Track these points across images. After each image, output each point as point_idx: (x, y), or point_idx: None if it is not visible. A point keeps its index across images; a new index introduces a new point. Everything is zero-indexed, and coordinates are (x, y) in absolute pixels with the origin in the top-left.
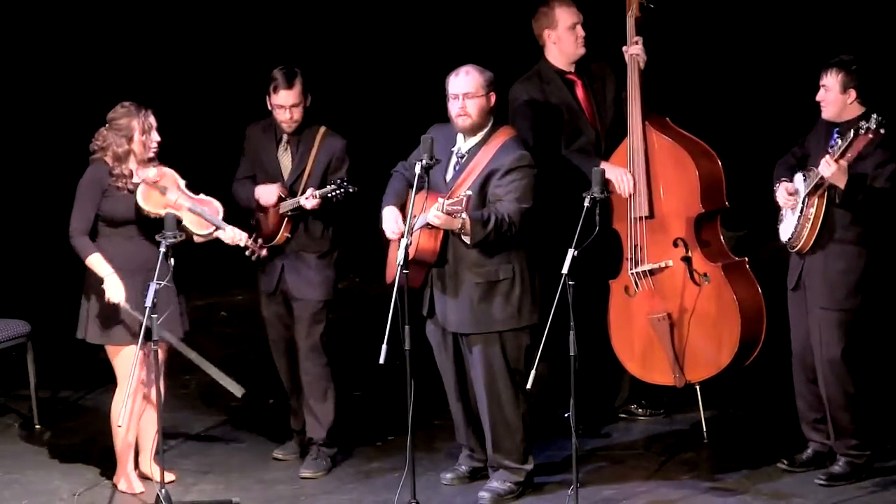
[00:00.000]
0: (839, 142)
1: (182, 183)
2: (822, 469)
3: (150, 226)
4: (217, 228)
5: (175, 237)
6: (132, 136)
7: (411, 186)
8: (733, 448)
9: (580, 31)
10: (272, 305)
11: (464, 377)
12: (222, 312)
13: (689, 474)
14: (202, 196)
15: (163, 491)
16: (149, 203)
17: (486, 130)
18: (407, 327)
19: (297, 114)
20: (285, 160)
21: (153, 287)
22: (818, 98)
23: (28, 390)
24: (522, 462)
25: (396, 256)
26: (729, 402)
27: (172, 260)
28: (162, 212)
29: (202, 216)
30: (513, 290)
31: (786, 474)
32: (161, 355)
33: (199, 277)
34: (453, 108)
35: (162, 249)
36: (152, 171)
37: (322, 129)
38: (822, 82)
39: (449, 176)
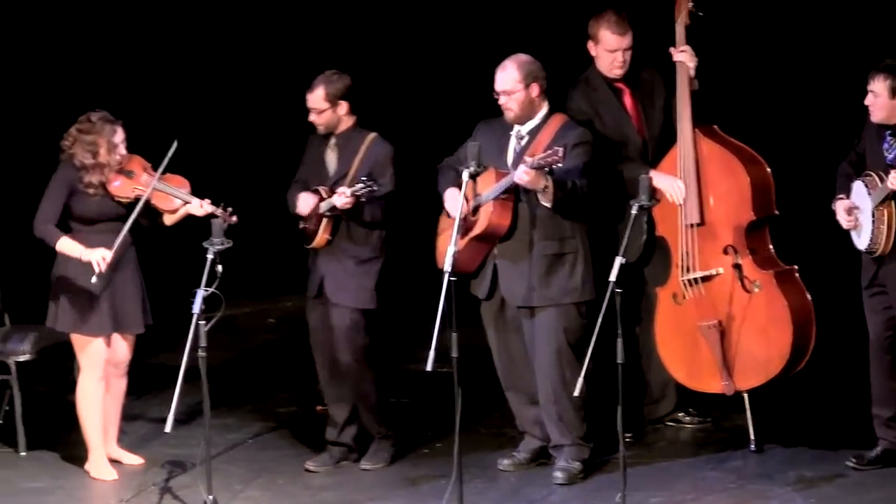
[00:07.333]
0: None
1: (149, 166)
2: (890, 467)
3: (123, 219)
4: (185, 203)
5: (222, 244)
6: (98, 151)
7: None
8: (781, 456)
9: (619, 58)
10: (315, 310)
11: (520, 360)
12: (271, 319)
13: (737, 482)
14: (169, 174)
15: (210, 498)
16: (120, 190)
17: (542, 114)
18: (455, 334)
19: (320, 118)
20: (331, 160)
21: (200, 294)
22: (867, 102)
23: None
24: (587, 440)
25: (447, 243)
26: (777, 410)
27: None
28: (132, 196)
29: (169, 193)
30: (577, 265)
31: (834, 483)
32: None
33: (248, 284)
34: (500, 101)
35: (209, 256)
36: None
37: (372, 135)
38: (870, 87)
39: (510, 157)
